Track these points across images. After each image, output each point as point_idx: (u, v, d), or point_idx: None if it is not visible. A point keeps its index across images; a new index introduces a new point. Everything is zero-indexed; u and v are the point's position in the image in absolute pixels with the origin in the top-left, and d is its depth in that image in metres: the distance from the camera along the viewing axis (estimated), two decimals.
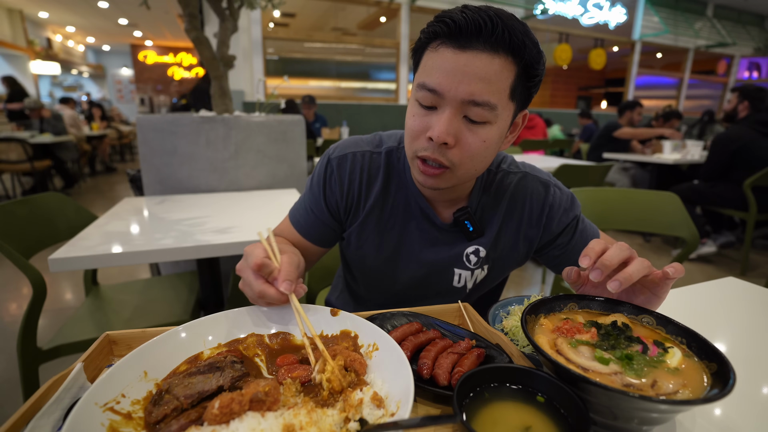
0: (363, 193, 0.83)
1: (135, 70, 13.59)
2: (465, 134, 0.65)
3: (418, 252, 0.85)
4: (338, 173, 0.83)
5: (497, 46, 0.60)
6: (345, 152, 0.83)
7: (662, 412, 0.41)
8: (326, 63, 7.50)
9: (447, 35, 0.62)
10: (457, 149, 0.66)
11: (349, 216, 0.86)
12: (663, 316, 0.55)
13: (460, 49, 0.61)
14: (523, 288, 2.90)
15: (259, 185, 2.20)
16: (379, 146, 0.85)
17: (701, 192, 3.34)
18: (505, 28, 0.59)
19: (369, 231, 0.85)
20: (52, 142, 5.37)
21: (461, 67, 0.61)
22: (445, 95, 0.63)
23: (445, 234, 0.84)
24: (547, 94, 12.82)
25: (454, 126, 0.64)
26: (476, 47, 0.60)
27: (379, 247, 0.86)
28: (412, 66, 0.71)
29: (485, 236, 0.84)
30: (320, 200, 0.85)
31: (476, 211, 0.83)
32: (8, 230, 1.23)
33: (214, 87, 2.14)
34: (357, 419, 0.42)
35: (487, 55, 0.60)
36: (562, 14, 7.64)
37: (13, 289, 2.74)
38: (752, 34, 10.32)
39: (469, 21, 0.59)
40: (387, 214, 0.84)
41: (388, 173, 0.83)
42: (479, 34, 0.60)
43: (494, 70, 0.61)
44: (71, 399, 0.46)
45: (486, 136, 0.66)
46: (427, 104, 0.66)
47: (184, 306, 1.47)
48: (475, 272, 0.87)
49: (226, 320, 0.60)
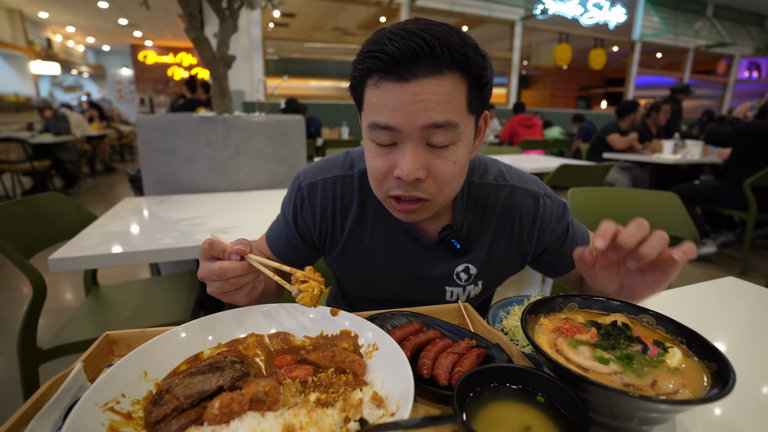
0: (338, 221, 0.80)
1: (135, 70, 13.59)
2: (434, 163, 0.62)
3: (406, 271, 0.82)
4: (309, 202, 0.79)
5: (441, 67, 0.56)
6: (315, 179, 0.79)
7: (662, 412, 0.41)
8: (326, 63, 7.50)
9: (383, 70, 0.57)
10: (430, 180, 0.63)
11: (326, 243, 0.83)
12: (663, 316, 0.55)
13: (402, 81, 0.56)
14: (523, 288, 2.90)
15: (259, 185, 2.20)
16: (350, 168, 0.80)
17: (701, 192, 3.34)
18: (444, 47, 0.55)
19: (350, 257, 0.82)
20: (52, 142, 5.37)
21: (410, 99, 0.57)
22: (403, 129, 0.58)
23: (431, 251, 0.80)
24: (547, 94, 12.82)
25: (421, 158, 0.60)
26: (419, 74, 0.56)
27: (364, 270, 0.83)
28: (356, 104, 0.67)
29: (474, 252, 0.80)
30: (292, 227, 0.82)
31: (462, 227, 0.78)
32: (8, 230, 1.23)
33: (214, 87, 2.14)
34: (357, 419, 0.42)
35: (433, 79, 0.56)
36: (562, 14, 7.64)
37: (13, 289, 2.74)
38: (752, 34, 10.32)
39: (403, 50, 0.55)
40: (367, 238, 0.80)
41: (362, 197, 0.79)
42: (418, 61, 0.55)
43: (445, 90, 0.57)
44: (71, 399, 0.46)
45: (456, 158, 0.62)
46: (385, 143, 0.62)
47: (184, 306, 1.47)
48: (467, 288, 0.83)
49: (226, 320, 0.60)
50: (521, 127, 5.56)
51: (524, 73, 10.30)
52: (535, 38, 8.85)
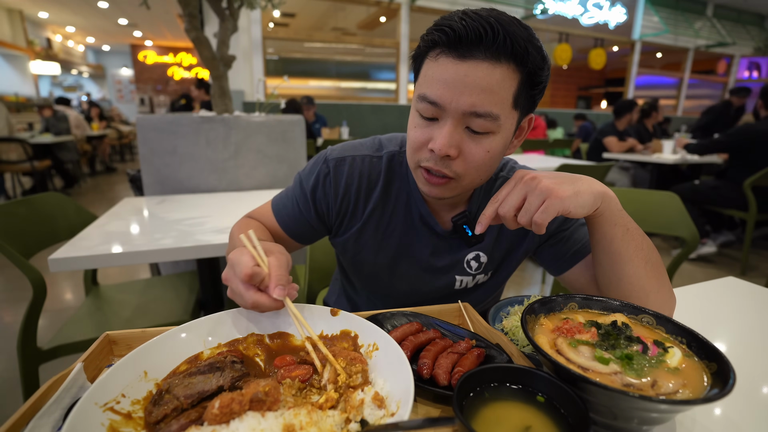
0: (361, 199, 0.81)
1: (135, 70, 13.59)
2: (468, 145, 0.64)
3: (418, 259, 0.84)
4: (334, 176, 0.80)
5: (499, 54, 0.58)
6: (344, 155, 0.81)
7: (662, 412, 0.41)
8: (326, 63, 7.50)
9: (446, 44, 0.60)
10: (460, 160, 0.65)
11: (343, 221, 0.83)
12: (663, 316, 0.55)
13: (460, 58, 0.59)
14: (523, 288, 2.90)
15: (259, 185, 2.20)
16: (379, 150, 0.82)
17: (701, 192, 3.34)
18: (507, 36, 0.57)
19: (368, 236, 0.83)
20: (52, 142, 5.37)
21: (462, 78, 0.59)
22: (446, 107, 0.61)
23: (445, 241, 0.83)
24: (548, 94, 12.81)
25: (456, 138, 0.63)
26: (477, 56, 0.58)
27: (378, 253, 0.84)
28: (413, 73, 0.70)
29: (485, 241, 0.82)
30: (308, 199, 0.82)
31: (476, 216, 0.81)
32: (8, 230, 1.23)
33: (214, 87, 2.14)
34: (359, 420, 0.42)
35: (488, 65, 0.58)
36: (562, 14, 7.64)
37: (13, 289, 2.74)
38: (752, 34, 10.32)
39: (468, 29, 0.57)
40: (386, 220, 0.82)
41: (388, 178, 0.81)
42: (480, 42, 0.58)
43: (496, 79, 0.59)
44: (71, 399, 0.46)
45: (489, 146, 0.64)
46: (428, 116, 0.64)
47: (184, 306, 1.47)
48: (477, 276, 0.85)
49: (226, 320, 0.60)
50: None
51: None
52: None
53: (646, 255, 0.65)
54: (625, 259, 0.64)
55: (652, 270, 0.65)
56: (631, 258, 0.64)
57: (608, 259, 0.66)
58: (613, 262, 0.65)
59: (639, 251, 0.64)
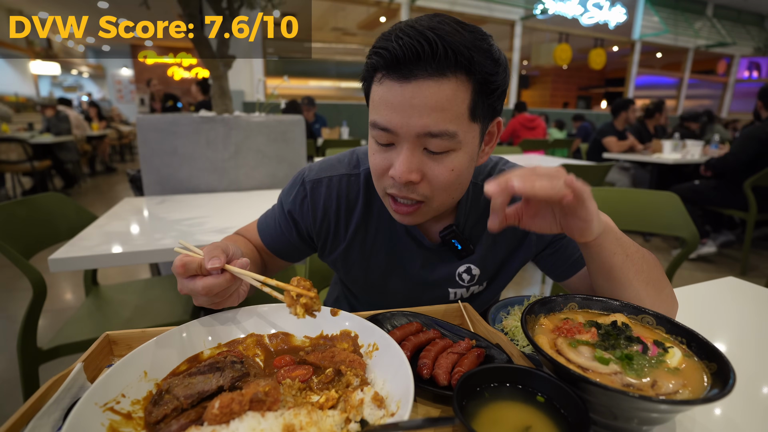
0: (342, 220, 0.79)
1: (135, 70, 13.57)
2: (430, 167, 0.61)
3: (410, 274, 0.82)
4: (311, 199, 0.78)
5: (443, 69, 0.54)
6: (320, 176, 0.78)
7: (662, 412, 0.41)
8: (326, 63, 7.50)
9: (386, 67, 0.57)
10: (425, 183, 0.62)
11: (327, 242, 0.82)
12: (663, 316, 0.55)
13: (403, 80, 0.56)
14: (523, 288, 2.90)
15: (259, 185, 2.20)
16: (356, 167, 0.79)
17: (702, 192, 3.34)
18: (447, 47, 0.53)
19: (355, 256, 0.82)
20: (53, 142, 5.37)
21: (408, 100, 0.56)
22: (398, 132, 0.58)
23: (434, 253, 0.80)
24: (547, 94, 12.83)
25: (415, 162, 0.60)
26: (420, 75, 0.55)
27: (367, 270, 0.83)
28: (365, 97, 0.66)
29: (476, 253, 0.79)
30: (288, 220, 0.81)
31: (464, 228, 0.78)
32: (8, 230, 1.23)
33: (214, 87, 2.14)
34: (358, 420, 0.42)
35: (433, 82, 0.55)
36: (562, 14, 7.64)
37: (13, 289, 2.74)
38: (752, 34, 10.32)
39: (405, 49, 0.54)
40: (371, 238, 0.80)
41: (368, 197, 0.78)
42: (419, 60, 0.54)
43: (445, 96, 0.55)
44: (71, 399, 0.46)
45: (453, 165, 0.61)
46: (383, 142, 0.62)
47: (184, 306, 1.47)
48: (471, 288, 0.83)
49: (226, 320, 0.60)
50: (523, 129, 5.51)
51: (524, 73, 10.29)
52: (535, 38, 8.85)
53: (646, 277, 0.63)
54: (624, 284, 0.62)
55: (652, 289, 0.63)
56: (631, 282, 0.62)
57: (608, 285, 0.64)
58: (612, 287, 0.64)
59: (639, 274, 0.62)
